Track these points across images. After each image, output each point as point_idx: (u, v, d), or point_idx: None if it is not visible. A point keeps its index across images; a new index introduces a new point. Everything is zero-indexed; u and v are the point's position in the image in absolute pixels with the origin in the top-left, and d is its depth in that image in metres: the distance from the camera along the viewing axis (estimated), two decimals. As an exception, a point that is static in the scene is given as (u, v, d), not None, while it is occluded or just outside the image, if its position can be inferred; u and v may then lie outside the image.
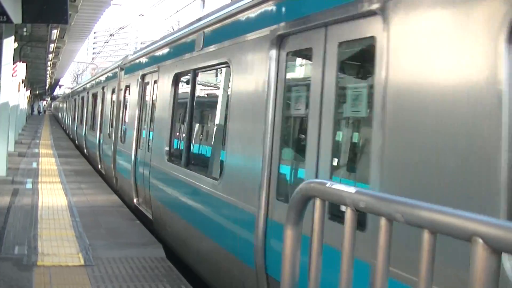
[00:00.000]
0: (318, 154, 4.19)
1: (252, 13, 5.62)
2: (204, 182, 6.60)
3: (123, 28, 43.00)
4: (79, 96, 28.21)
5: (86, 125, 22.05)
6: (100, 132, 16.99)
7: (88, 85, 24.52)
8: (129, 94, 12.83)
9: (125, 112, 13.43)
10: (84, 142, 22.30)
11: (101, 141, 16.56)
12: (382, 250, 1.91)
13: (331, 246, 3.40)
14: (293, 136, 5.04)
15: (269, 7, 5.19)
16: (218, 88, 7.72)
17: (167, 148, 8.53)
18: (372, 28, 3.63)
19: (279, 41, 4.90)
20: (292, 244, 2.41)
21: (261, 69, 5.18)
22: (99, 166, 16.91)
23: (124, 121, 13.41)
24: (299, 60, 5.08)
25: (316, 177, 4.20)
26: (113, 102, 15.23)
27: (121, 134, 13.37)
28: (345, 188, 2.12)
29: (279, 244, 4.46)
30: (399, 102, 3.27)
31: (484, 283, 1.49)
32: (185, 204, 7.37)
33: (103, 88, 17.76)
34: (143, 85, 10.98)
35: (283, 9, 4.94)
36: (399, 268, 3.00)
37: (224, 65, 6.55)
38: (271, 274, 4.80)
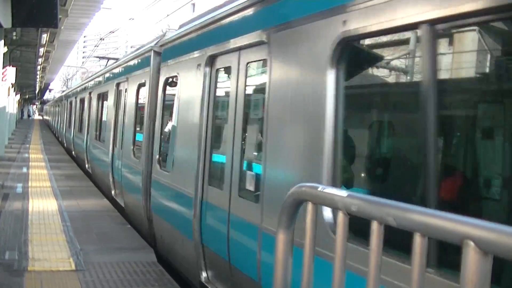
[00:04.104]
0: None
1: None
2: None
3: (113, 32, 42.78)
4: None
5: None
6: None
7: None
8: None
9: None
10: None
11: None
12: (374, 254, 1.92)
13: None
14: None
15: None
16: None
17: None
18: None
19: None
20: (284, 248, 2.40)
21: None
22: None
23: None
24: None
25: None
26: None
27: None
28: (337, 192, 2.12)
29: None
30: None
31: (476, 285, 1.50)
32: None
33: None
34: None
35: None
36: None
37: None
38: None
